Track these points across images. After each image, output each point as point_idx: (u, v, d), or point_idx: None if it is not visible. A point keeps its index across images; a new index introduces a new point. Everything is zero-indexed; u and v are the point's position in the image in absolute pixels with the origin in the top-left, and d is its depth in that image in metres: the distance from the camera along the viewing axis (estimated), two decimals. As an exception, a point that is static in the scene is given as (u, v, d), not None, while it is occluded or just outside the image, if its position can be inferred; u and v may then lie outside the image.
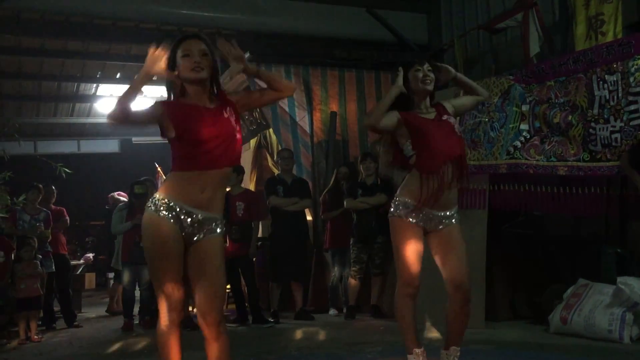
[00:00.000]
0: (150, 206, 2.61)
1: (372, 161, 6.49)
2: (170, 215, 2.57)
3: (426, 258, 3.27)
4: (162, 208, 2.57)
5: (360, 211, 6.39)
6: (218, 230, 2.66)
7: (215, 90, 2.73)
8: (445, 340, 3.33)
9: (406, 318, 3.21)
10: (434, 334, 5.04)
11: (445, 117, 3.26)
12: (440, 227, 3.20)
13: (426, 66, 3.25)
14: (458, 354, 3.28)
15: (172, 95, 2.74)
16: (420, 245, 3.18)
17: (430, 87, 3.26)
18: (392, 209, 3.23)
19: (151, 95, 9.83)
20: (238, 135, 2.68)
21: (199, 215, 2.59)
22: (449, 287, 3.22)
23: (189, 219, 2.58)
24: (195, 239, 2.61)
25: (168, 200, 2.58)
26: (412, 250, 3.14)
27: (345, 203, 6.50)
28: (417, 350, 3.19)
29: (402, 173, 3.38)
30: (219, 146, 2.59)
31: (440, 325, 5.25)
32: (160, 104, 2.67)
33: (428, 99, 3.31)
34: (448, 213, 3.20)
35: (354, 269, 6.43)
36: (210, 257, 2.62)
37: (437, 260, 3.25)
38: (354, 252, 6.44)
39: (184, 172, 2.62)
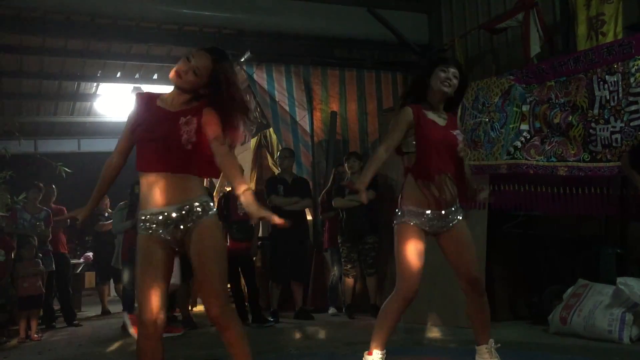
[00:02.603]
0: (138, 224, 2.67)
1: (357, 160, 6.48)
2: (147, 226, 2.62)
3: (426, 259, 3.26)
4: (141, 223, 2.64)
5: (350, 209, 6.37)
6: (208, 212, 2.63)
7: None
8: (477, 336, 3.32)
9: (391, 320, 3.15)
10: (434, 334, 5.05)
11: (455, 131, 3.24)
12: (449, 226, 3.19)
13: (453, 70, 3.19)
14: (495, 345, 3.30)
15: None
16: (423, 250, 3.15)
17: (448, 90, 3.19)
18: (396, 218, 3.19)
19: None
20: (187, 145, 2.61)
21: (173, 213, 2.60)
22: (464, 284, 3.22)
23: (167, 220, 2.60)
24: (183, 230, 2.61)
25: (143, 212, 2.63)
26: (415, 256, 3.10)
27: (333, 202, 6.50)
28: (380, 352, 3.15)
29: (395, 168, 3.35)
30: (157, 150, 2.59)
31: (440, 325, 5.25)
32: (136, 101, 2.77)
33: (442, 104, 3.26)
34: (452, 209, 3.20)
35: (345, 267, 6.44)
36: (201, 247, 2.61)
37: (450, 259, 3.24)
38: (343, 252, 6.44)
39: (141, 172, 2.65)
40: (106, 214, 8.23)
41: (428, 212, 3.13)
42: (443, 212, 3.16)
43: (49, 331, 6.80)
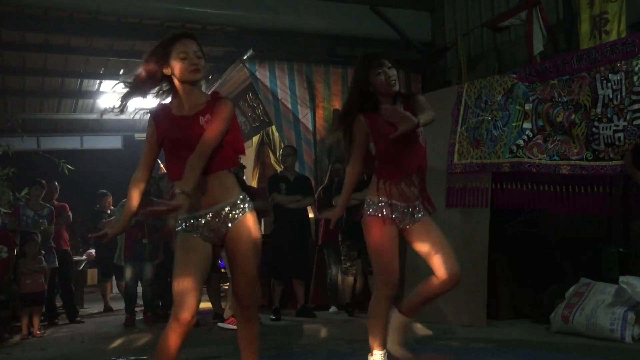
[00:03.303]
0: (176, 226, 2.75)
1: None
2: (190, 227, 2.69)
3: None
4: (182, 224, 2.71)
5: (350, 208, 6.34)
6: (245, 208, 2.73)
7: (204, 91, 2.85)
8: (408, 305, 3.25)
9: (381, 319, 3.13)
10: (435, 332, 5.05)
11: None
12: (415, 220, 3.16)
13: (386, 65, 3.12)
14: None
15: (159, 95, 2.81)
16: (397, 242, 3.12)
17: (396, 88, 3.15)
18: (364, 211, 3.17)
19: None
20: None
21: (214, 212, 2.69)
22: (441, 275, 3.09)
23: (208, 220, 2.69)
24: (225, 229, 2.70)
25: (185, 217, 2.70)
26: (390, 249, 3.07)
27: (334, 201, 6.49)
28: (379, 352, 3.13)
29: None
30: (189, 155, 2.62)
31: (442, 323, 5.25)
32: (151, 120, 2.78)
33: (395, 99, 3.18)
34: (416, 206, 3.16)
35: (346, 265, 6.43)
36: (240, 243, 2.72)
37: (423, 252, 3.17)
38: (344, 250, 6.44)
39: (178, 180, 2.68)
40: (108, 212, 8.23)
41: (398, 203, 3.10)
42: (405, 204, 3.12)
43: (52, 328, 6.80)
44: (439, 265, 3.09)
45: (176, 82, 2.72)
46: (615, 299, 4.36)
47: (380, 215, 3.09)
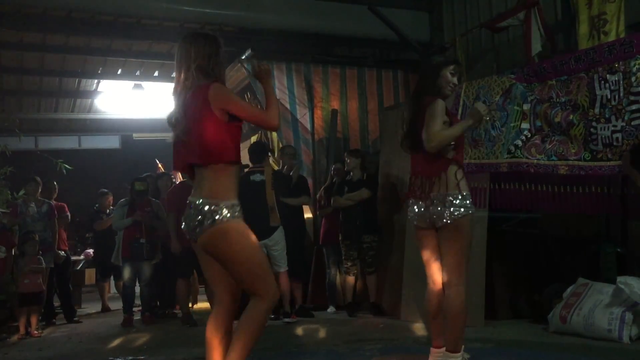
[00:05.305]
0: (228, 214, 2.64)
1: (356, 157, 6.47)
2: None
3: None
4: (237, 212, 2.67)
5: (347, 209, 6.38)
6: None
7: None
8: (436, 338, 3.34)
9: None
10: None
11: None
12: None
13: (459, 74, 3.39)
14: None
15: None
16: None
17: (449, 94, 3.42)
18: (462, 209, 3.23)
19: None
20: None
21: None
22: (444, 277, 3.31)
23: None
24: None
25: (237, 203, 2.69)
26: None
27: (332, 201, 6.51)
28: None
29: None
30: None
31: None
32: None
33: None
34: None
35: (345, 265, 6.44)
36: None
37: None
38: (343, 250, 6.45)
39: (235, 164, 2.72)
40: (107, 211, 8.21)
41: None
42: None
43: (49, 328, 6.80)
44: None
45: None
46: (613, 299, 4.37)
47: (472, 212, 3.24)
